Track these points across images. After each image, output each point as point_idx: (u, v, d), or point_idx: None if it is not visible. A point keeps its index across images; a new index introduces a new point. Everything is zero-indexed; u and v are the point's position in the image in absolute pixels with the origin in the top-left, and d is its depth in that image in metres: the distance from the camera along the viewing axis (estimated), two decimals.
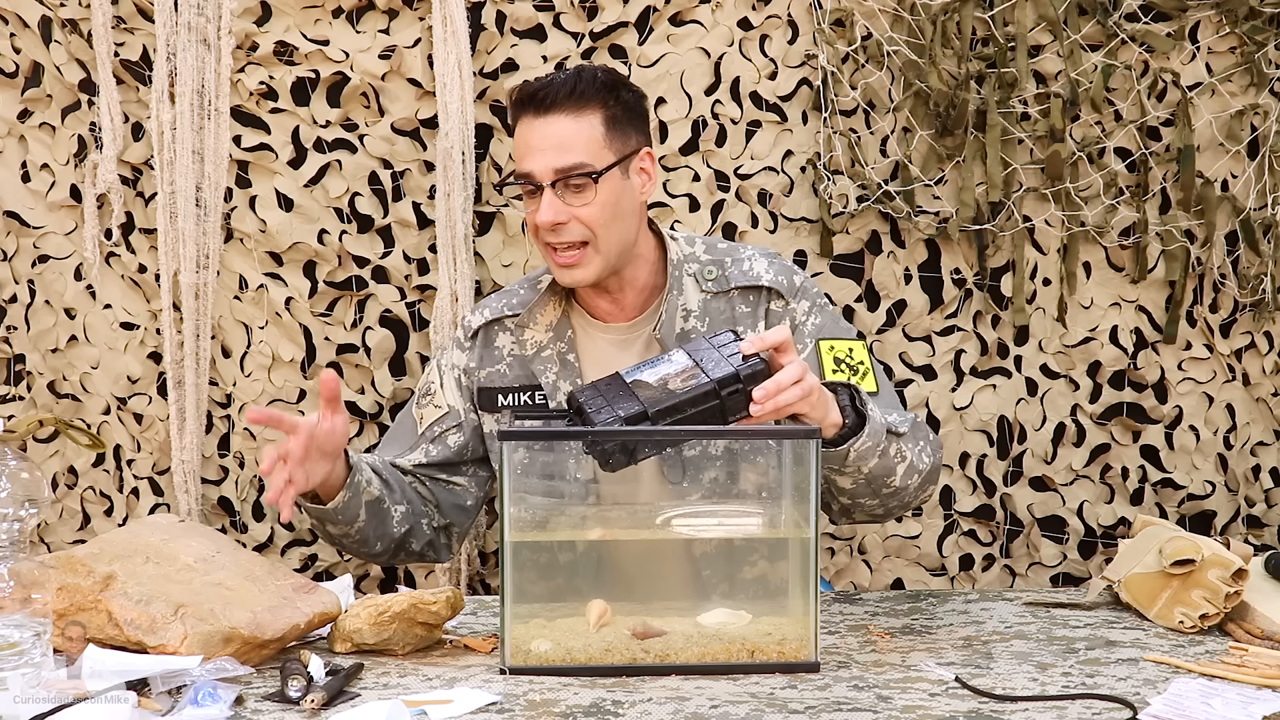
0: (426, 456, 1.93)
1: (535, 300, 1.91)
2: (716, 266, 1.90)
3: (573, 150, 1.78)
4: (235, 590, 1.57)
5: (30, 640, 1.36)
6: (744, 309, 1.89)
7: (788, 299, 1.89)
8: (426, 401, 1.95)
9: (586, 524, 1.62)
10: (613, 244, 1.82)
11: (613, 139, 1.81)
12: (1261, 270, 2.33)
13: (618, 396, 1.58)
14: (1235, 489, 2.39)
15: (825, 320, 1.91)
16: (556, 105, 1.78)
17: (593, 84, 1.80)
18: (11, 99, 2.24)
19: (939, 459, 1.85)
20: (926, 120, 2.28)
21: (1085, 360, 2.35)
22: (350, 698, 1.43)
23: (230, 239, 2.25)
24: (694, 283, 1.89)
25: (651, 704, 1.41)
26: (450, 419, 1.93)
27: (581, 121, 1.79)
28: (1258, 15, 2.27)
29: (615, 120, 1.81)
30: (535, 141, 1.79)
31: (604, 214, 1.79)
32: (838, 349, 1.86)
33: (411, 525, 1.89)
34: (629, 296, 1.89)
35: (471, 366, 1.94)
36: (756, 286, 1.89)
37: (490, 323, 1.95)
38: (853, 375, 1.84)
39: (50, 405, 2.30)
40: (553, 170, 1.78)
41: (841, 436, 1.67)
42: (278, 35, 2.20)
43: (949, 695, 1.45)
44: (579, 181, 1.78)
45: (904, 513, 1.88)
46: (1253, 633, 1.68)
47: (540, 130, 1.79)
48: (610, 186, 1.80)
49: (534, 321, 1.91)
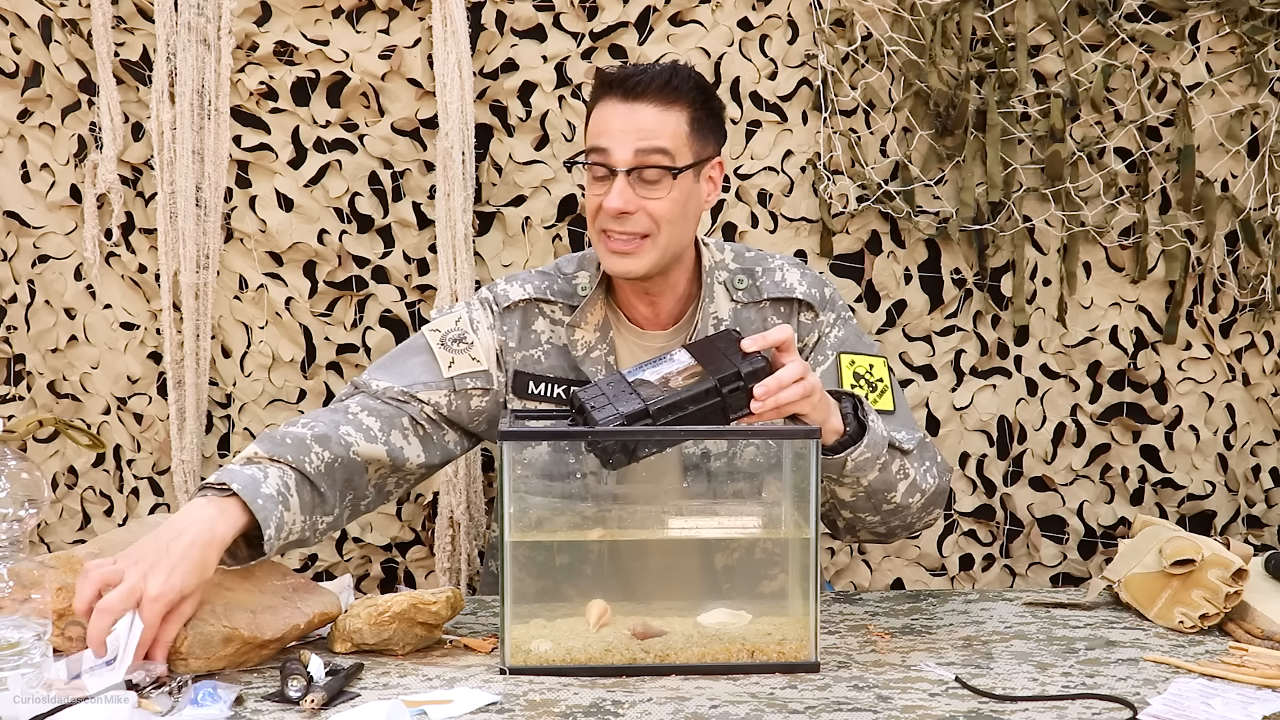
0: (448, 408, 1.80)
1: (585, 302, 1.85)
2: (747, 276, 1.88)
3: (658, 137, 1.73)
4: (235, 590, 1.56)
5: (30, 640, 1.36)
6: (775, 320, 1.87)
7: (818, 311, 1.88)
8: (461, 349, 1.82)
9: (586, 524, 1.62)
10: (671, 242, 1.78)
11: (694, 140, 1.77)
12: (1261, 270, 2.33)
13: (619, 395, 1.58)
14: (1235, 489, 2.39)
15: (849, 334, 1.90)
16: (647, 95, 1.74)
17: (686, 82, 1.76)
18: (11, 99, 2.24)
19: (945, 482, 1.82)
20: (926, 120, 2.28)
21: (1085, 360, 2.35)
22: (350, 698, 1.43)
23: (230, 239, 2.25)
24: (724, 291, 1.87)
25: (651, 704, 1.41)
26: (483, 380, 1.82)
27: (668, 116, 1.74)
28: (1258, 15, 2.27)
29: (699, 123, 1.78)
30: (618, 125, 1.74)
31: (672, 211, 1.75)
32: (858, 364, 1.84)
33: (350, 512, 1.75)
34: (667, 302, 1.86)
35: (510, 346, 1.85)
36: (790, 299, 1.88)
37: (532, 300, 1.87)
38: (870, 392, 1.83)
39: (50, 405, 2.30)
40: (633, 155, 1.73)
41: (841, 444, 1.67)
42: (278, 35, 2.20)
43: (949, 695, 1.45)
44: (655, 175, 1.74)
45: (907, 534, 1.85)
46: (1253, 633, 1.68)
47: (626, 115, 1.74)
48: (683, 186, 1.76)
49: (584, 321, 1.85)
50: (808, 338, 1.88)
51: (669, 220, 1.75)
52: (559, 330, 1.86)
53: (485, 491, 2.32)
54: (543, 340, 1.86)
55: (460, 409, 1.81)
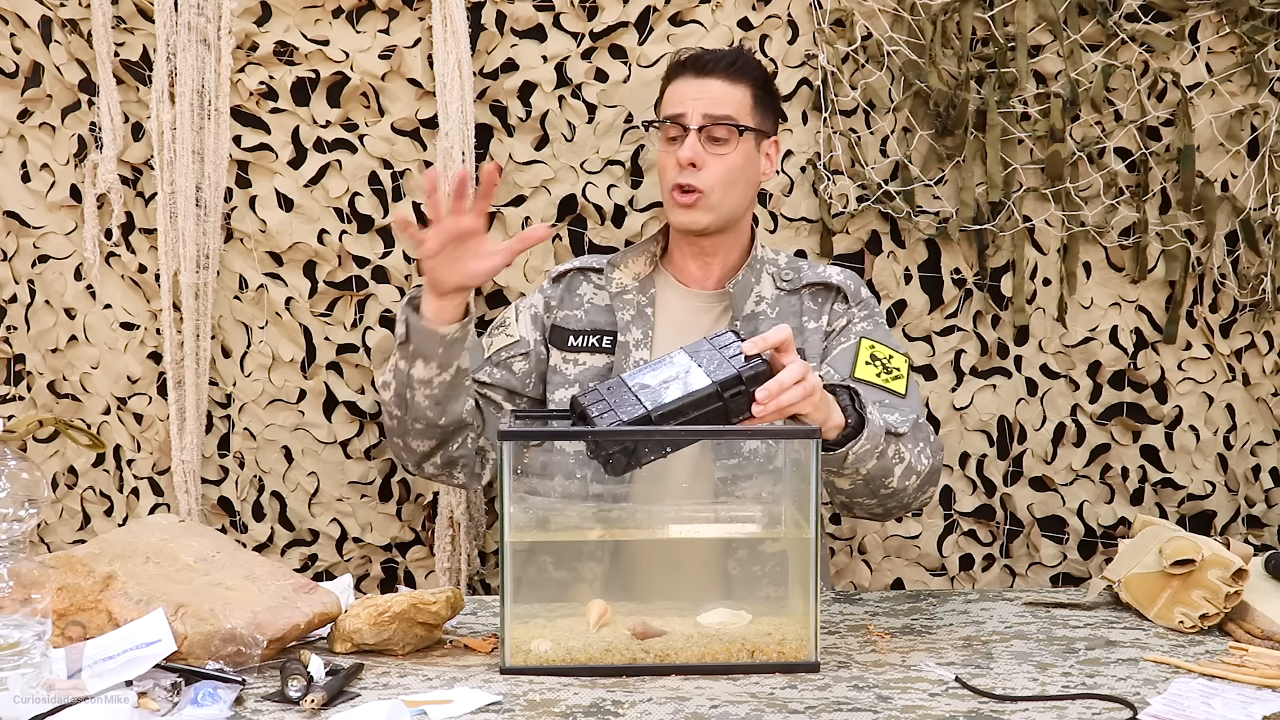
0: (489, 378, 2.00)
1: (631, 250, 2.05)
2: (793, 270, 2.03)
3: (725, 105, 1.94)
4: (235, 590, 1.57)
5: (30, 640, 1.36)
6: (811, 305, 2.01)
7: (850, 303, 2.01)
8: (499, 332, 2.04)
9: (586, 524, 1.62)
10: (726, 203, 1.95)
11: (757, 112, 1.98)
12: (1261, 270, 2.33)
13: (620, 399, 1.58)
14: (1235, 489, 2.39)
15: (878, 331, 1.99)
16: (716, 71, 1.96)
17: (750, 64, 1.99)
18: (11, 99, 2.24)
19: (939, 461, 1.87)
20: (926, 120, 2.28)
21: (1085, 360, 2.35)
22: (350, 698, 1.43)
23: (230, 239, 2.25)
24: (770, 280, 2.02)
25: (651, 704, 1.41)
26: (519, 347, 2.01)
27: (735, 88, 1.96)
28: (1258, 15, 2.27)
29: (761, 100, 1.98)
30: (691, 93, 1.95)
31: (732, 172, 1.94)
32: (878, 349, 1.95)
33: (471, 422, 1.93)
34: (717, 267, 2.02)
35: (552, 305, 2.05)
36: (826, 284, 2.02)
37: (576, 270, 2.07)
38: (884, 373, 1.91)
39: (50, 405, 2.30)
40: (703, 115, 1.93)
41: (842, 438, 1.67)
42: (278, 35, 2.20)
43: (949, 695, 1.45)
44: (723, 133, 1.94)
45: (903, 513, 1.91)
46: (1253, 633, 1.68)
47: (697, 86, 1.95)
48: (745, 150, 1.96)
49: (625, 265, 2.04)
50: (837, 323, 2.00)
51: (727, 181, 1.94)
52: (601, 293, 2.04)
53: (485, 492, 2.32)
54: (584, 301, 2.05)
55: (506, 378, 2.00)
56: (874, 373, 1.89)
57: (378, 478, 2.30)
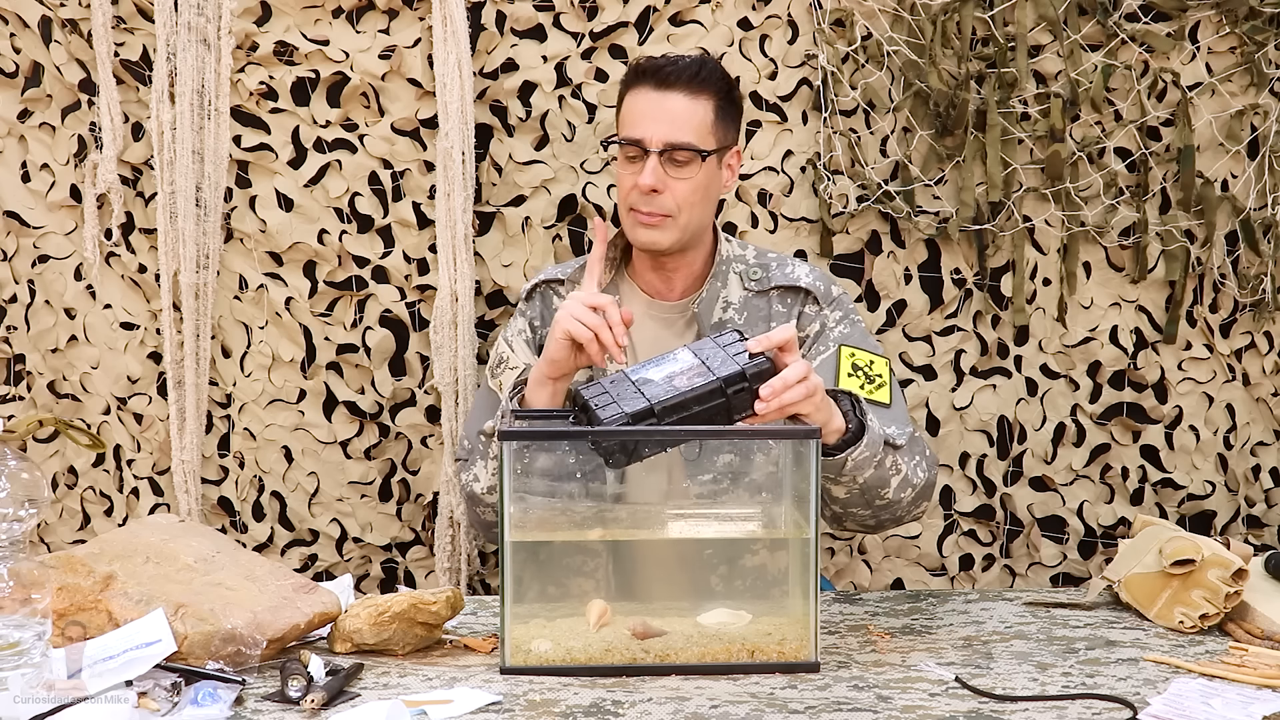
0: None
1: (589, 260, 1.96)
2: (761, 269, 1.99)
3: (686, 128, 1.88)
4: (235, 590, 1.57)
5: (30, 640, 1.36)
6: (780, 309, 1.97)
7: (822, 304, 1.97)
8: (502, 369, 1.97)
9: (586, 523, 1.62)
10: (692, 222, 1.91)
11: (718, 128, 1.92)
12: (1261, 270, 2.33)
13: (623, 392, 1.58)
14: (1235, 489, 2.39)
15: (854, 333, 1.96)
16: (678, 84, 1.89)
17: (713, 74, 1.92)
18: (11, 99, 2.24)
19: (934, 475, 1.87)
20: (926, 120, 2.28)
21: (1085, 360, 2.35)
22: (350, 698, 1.43)
23: (230, 239, 2.25)
24: (738, 280, 1.98)
25: (651, 704, 1.41)
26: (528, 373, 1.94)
27: (696, 104, 1.89)
28: (1258, 15, 2.27)
29: (723, 112, 1.92)
30: (651, 112, 1.89)
31: (695, 194, 1.90)
32: (859, 357, 1.92)
33: None
34: (680, 280, 1.98)
35: (535, 324, 2.02)
36: (795, 287, 1.98)
37: (543, 283, 2.04)
38: (867, 383, 1.88)
39: (50, 405, 2.30)
40: (664, 141, 1.87)
41: (842, 443, 1.67)
42: (278, 35, 2.20)
43: (949, 695, 1.45)
44: (684, 157, 1.88)
45: (895, 527, 1.90)
46: (1253, 633, 1.68)
47: (658, 103, 1.89)
48: (708, 170, 1.91)
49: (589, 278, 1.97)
50: (810, 328, 1.96)
51: (691, 203, 1.89)
52: None
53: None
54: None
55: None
56: (857, 384, 1.86)
57: (377, 478, 2.30)
